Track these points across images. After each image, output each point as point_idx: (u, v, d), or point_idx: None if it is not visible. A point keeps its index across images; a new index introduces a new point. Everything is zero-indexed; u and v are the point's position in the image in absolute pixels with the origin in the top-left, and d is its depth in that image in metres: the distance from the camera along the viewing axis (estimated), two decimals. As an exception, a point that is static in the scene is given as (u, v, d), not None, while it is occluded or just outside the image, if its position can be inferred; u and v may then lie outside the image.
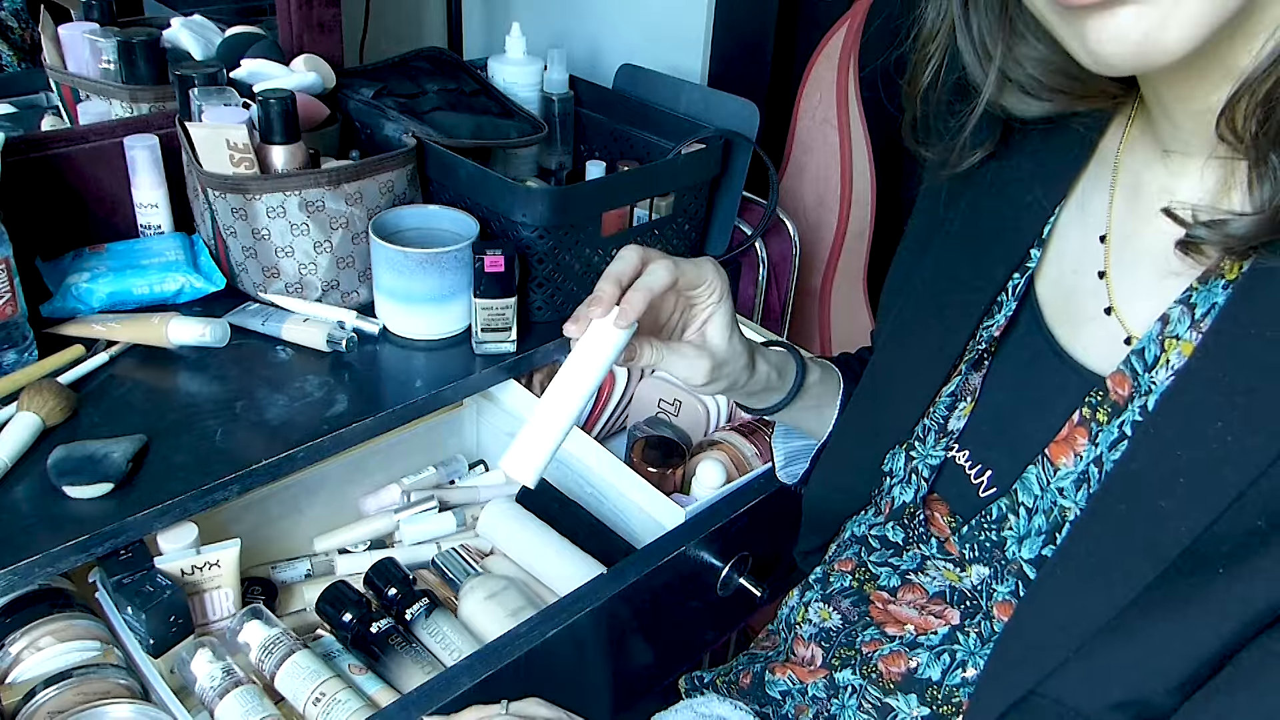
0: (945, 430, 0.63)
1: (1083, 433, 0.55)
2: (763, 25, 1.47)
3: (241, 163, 0.93)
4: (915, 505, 0.65)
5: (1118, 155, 0.57)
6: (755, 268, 1.25)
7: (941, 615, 0.63)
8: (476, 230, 0.99)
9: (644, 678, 0.94)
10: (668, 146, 1.14)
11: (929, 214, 0.69)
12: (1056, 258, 0.60)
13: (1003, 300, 0.61)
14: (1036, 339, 0.59)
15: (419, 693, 0.72)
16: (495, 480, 1.13)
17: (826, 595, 0.70)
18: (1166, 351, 0.52)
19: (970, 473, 0.62)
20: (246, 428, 0.85)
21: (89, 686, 0.72)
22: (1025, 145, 0.62)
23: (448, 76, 1.16)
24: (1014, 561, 0.58)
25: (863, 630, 0.66)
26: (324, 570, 1.00)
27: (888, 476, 0.67)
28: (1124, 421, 0.53)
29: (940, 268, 0.66)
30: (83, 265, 0.97)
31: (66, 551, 0.72)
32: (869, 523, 0.69)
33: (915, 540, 0.65)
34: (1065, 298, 0.59)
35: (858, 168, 1.35)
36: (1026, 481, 0.58)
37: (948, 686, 0.61)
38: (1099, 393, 0.55)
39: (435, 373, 0.95)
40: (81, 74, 1.05)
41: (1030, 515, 0.57)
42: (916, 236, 0.71)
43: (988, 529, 0.60)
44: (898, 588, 0.65)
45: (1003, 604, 0.59)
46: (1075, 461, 0.55)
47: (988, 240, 0.62)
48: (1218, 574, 0.46)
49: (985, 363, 0.62)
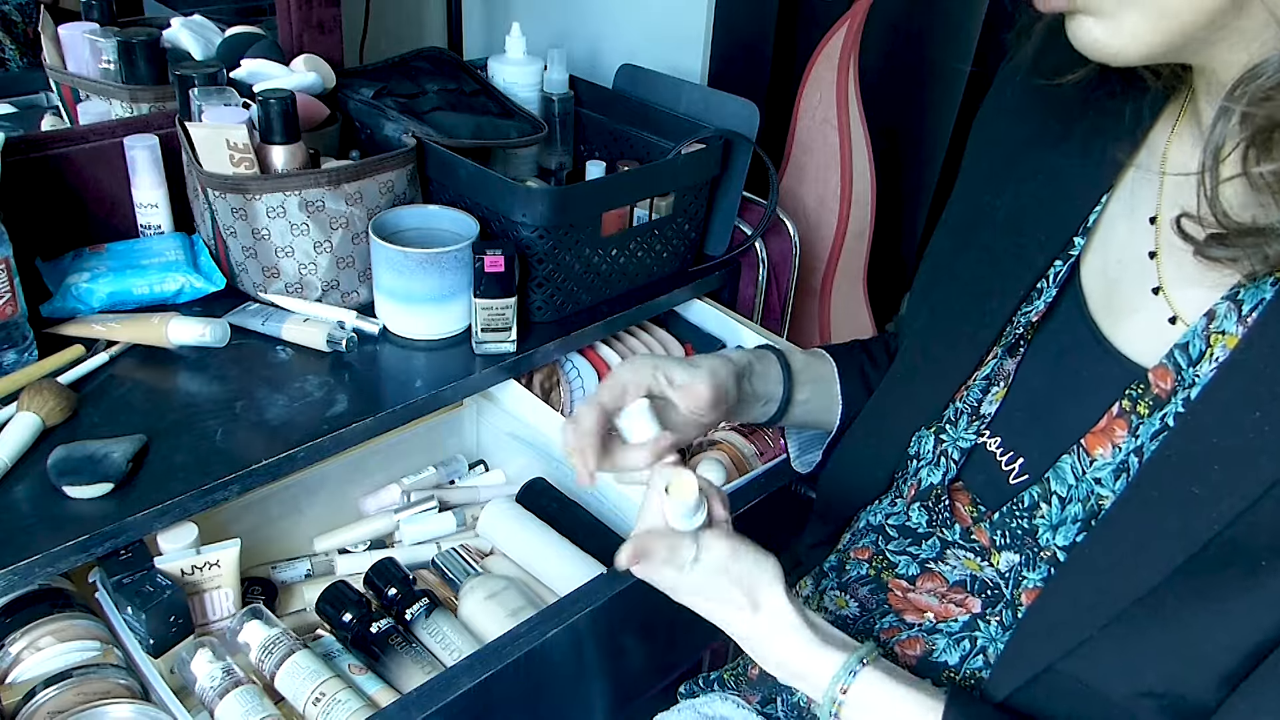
0: (977, 414, 0.63)
1: (1122, 424, 0.55)
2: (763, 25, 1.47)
3: (241, 163, 0.93)
4: (942, 488, 0.64)
5: (1167, 144, 0.57)
6: (755, 268, 1.25)
7: (962, 604, 0.63)
8: (476, 230, 0.99)
9: (644, 677, 0.94)
10: (668, 146, 1.14)
11: (970, 201, 0.69)
12: (1102, 246, 0.60)
13: (1043, 287, 0.61)
14: (1078, 326, 0.59)
15: (419, 693, 0.72)
16: (495, 480, 1.13)
17: (843, 583, 0.70)
18: (1212, 347, 0.52)
19: (1001, 459, 0.61)
20: (246, 428, 0.85)
21: (89, 686, 0.72)
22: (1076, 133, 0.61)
23: (448, 76, 1.16)
24: (1047, 548, 0.58)
25: (881, 618, 0.66)
26: (324, 570, 1.00)
27: (914, 459, 0.67)
28: (1166, 414, 0.53)
29: (982, 255, 0.65)
30: (83, 265, 0.97)
31: (66, 551, 0.72)
32: (886, 511, 0.69)
33: (939, 524, 0.65)
34: (1109, 286, 0.59)
35: (858, 168, 1.35)
36: (1060, 470, 0.58)
37: (966, 670, 0.61)
38: (1140, 385, 0.55)
39: (435, 373, 0.95)
40: (81, 74, 1.05)
41: (1064, 504, 0.57)
42: (957, 223, 0.70)
43: (1020, 516, 0.60)
44: (916, 576, 0.66)
45: (1031, 591, 0.59)
46: (1114, 453, 0.55)
47: (1031, 227, 0.62)
48: (1260, 566, 0.46)
49: (1021, 348, 0.62)
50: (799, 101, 1.37)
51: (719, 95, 1.16)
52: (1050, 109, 0.63)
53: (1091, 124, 0.60)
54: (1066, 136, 0.61)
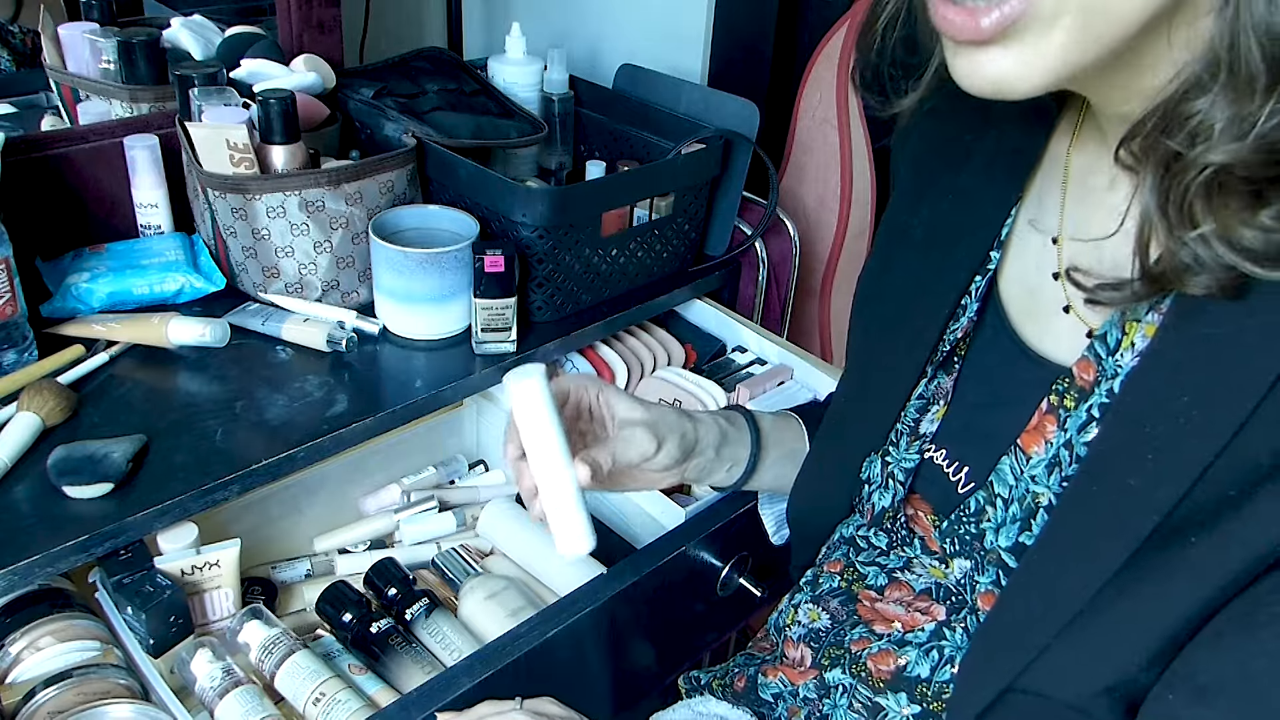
0: (917, 434, 0.64)
1: (1052, 420, 0.56)
2: (763, 25, 1.47)
3: (241, 163, 0.93)
4: (895, 509, 0.65)
5: (1068, 155, 0.58)
6: (755, 268, 1.25)
7: (927, 611, 0.63)
8: (476, 230, 0.99)
9: (644, 678, 0.94)
10: (668, 146, 1.14)
11: (891, 222, 0.70)
12: (1017, 257, 0.61)
13: (966, 303, 0.62)
14: (1002, 338, 0.60)
15: (419, 693, 0.72)
16: (495, 480, 1.13)
17: (816, 596, 0.70)
18: (1129, 335, 0.52)
19: (948, 471, 0.62)
20: (246, 428, 0.85)
21: (89, 686, 0.72)
22: (979, 150, 0.62)
23: (448, 76, 1.16)
24: (992, 551, 0.58)
25: (851, 629, 0.66)
26: (324, 570, 1.00)
27: (866, 484, 0.67)
28: (1091, 405, 0.54)
29: (905, 276, 0.66)
30: (83, 265, 0.97)
31: (66, 551, 0.72)
32: (857, 523, 0.69)
33: (899, 543, 0.66)
34: (1029, 295, 0.60)
35: (858, 168, 1.35)
36: (1001, 472, 0.58)
37: (936, 683, 0.61)
38: (1065, 379, 0.55)
39: (435, 373, 0.95)
40: (81, 74, 1.05)
41: (1006, 505, 0.58)
42: (882, 246, 0.72)
43: (967, 522, 0.60)
44: (885, 586, 0.66)
45: (985, 595, 0.59)
46: (1046, 448, 0.56)
47: (948, 245, 0.63)
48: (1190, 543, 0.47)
49: (956, 364, 0.63)
50: (799, 101, 1.37)
51: (719, 95, 1.16)
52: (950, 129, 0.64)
53: (992, 141, 0.61)
54: (970, 155, 0.63)
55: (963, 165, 0.63)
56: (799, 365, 1.12)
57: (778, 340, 1.15)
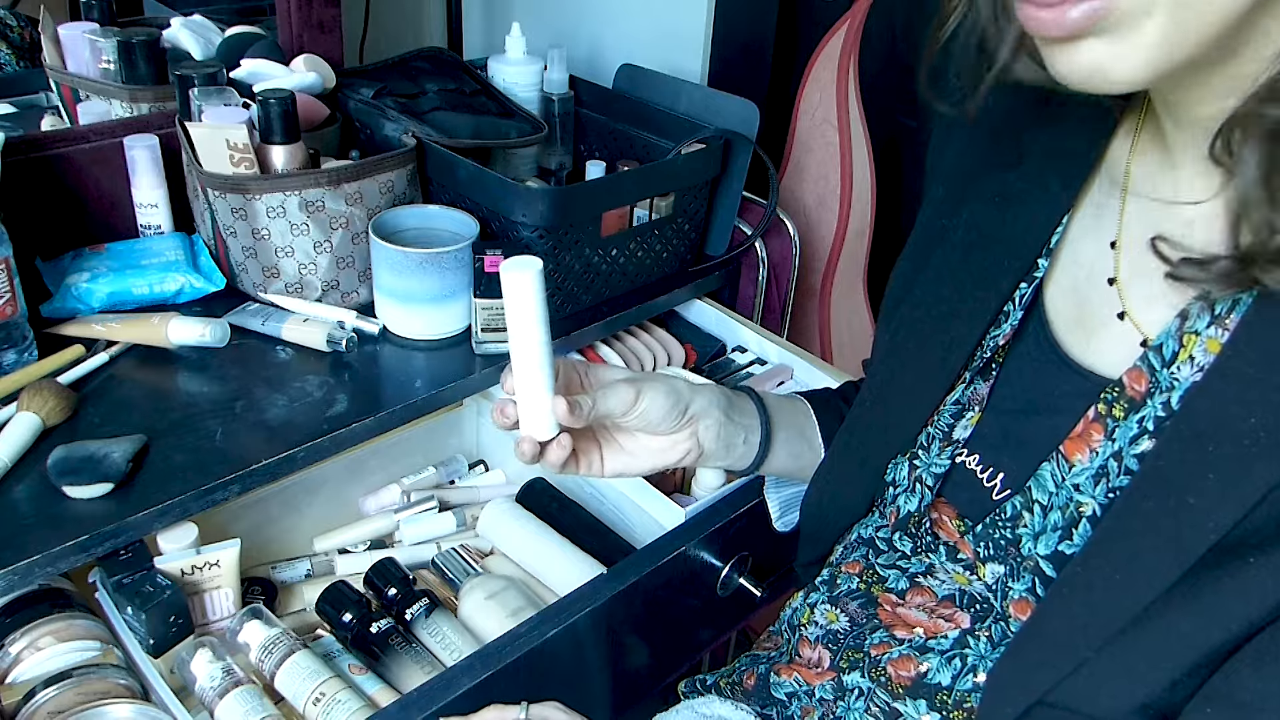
0: (950, 439, 0.63)
1: (1099, 429, 0.55)
2: (763, 25, 1.47)
3: (241, 163, 0.93)
4: (921, 514, 0.64)
5: (1128, 161, 0.57)
6: (755, 268, 1.25)
7: (951, 619, 0.62)
8: (476, 230, 0.99)
9: (644, 678, 0.94)
10: (668, 146, 1.14)
11: (927, 225, 0.69)
12: (1068, 265, 0.60)
13: (1009, 310, 0.61)
14: (1043, 347, 0.59)
15: (419, 693, 0.72)
16: (495, 480, 1.13)
17: (833, 597, 0.70)
18: (1186, 347, 0.51)
19: (982, 476, 0.61)
20: (246, 428, 0.85)
21: (89, 686, 0.72)
22: (1032, 152, 0.61)
23: (448, 76, 1.16)
24: (1030, 558, 0.57)
25: (871, 633, 0.66)
26: (324, 570, 1.00)
27: (891, 486, 0.66)
28: (1144, 417, 0.52)
29: (942, 278, 0.65)
30: (83, 265, 0.97)
31: (66, 551, 0.72)
32: (876, 524, 0.68)
33: (923, 549, 0.65)
34: (1078, 305, 0.58)
35: (858, 168, 1.35)
36: (1040, 478, 0.57)
37: (958, 692, 0.60)
38: (1114, 389, 0.54)
39: (435, 373, 0.95)
40: (81, 74, 1.05)
41: (1045, 511, 0.57)
42: (917, 247, 0.71)
43: (1002, 526, 0.59)
44: (906, 590, 0.65)
45: (1019, 602, 0.58)
46: (1091, 457, 0.55)
47: (993, 249, 0.62)
48: (1248, 563, 0.46)
49: (994, 371, 0.62)
50: (799, 101, 1.37)
51: (719, 95, 1.16)
52: (1000, 129, 0.63)
53: (1045, 144, 0.60)
54: (1021, 157, 0.61)
55: (1013, 166, 0.62)
56: (799, 365, 1.12)
57: (777, 340, 1.15)
